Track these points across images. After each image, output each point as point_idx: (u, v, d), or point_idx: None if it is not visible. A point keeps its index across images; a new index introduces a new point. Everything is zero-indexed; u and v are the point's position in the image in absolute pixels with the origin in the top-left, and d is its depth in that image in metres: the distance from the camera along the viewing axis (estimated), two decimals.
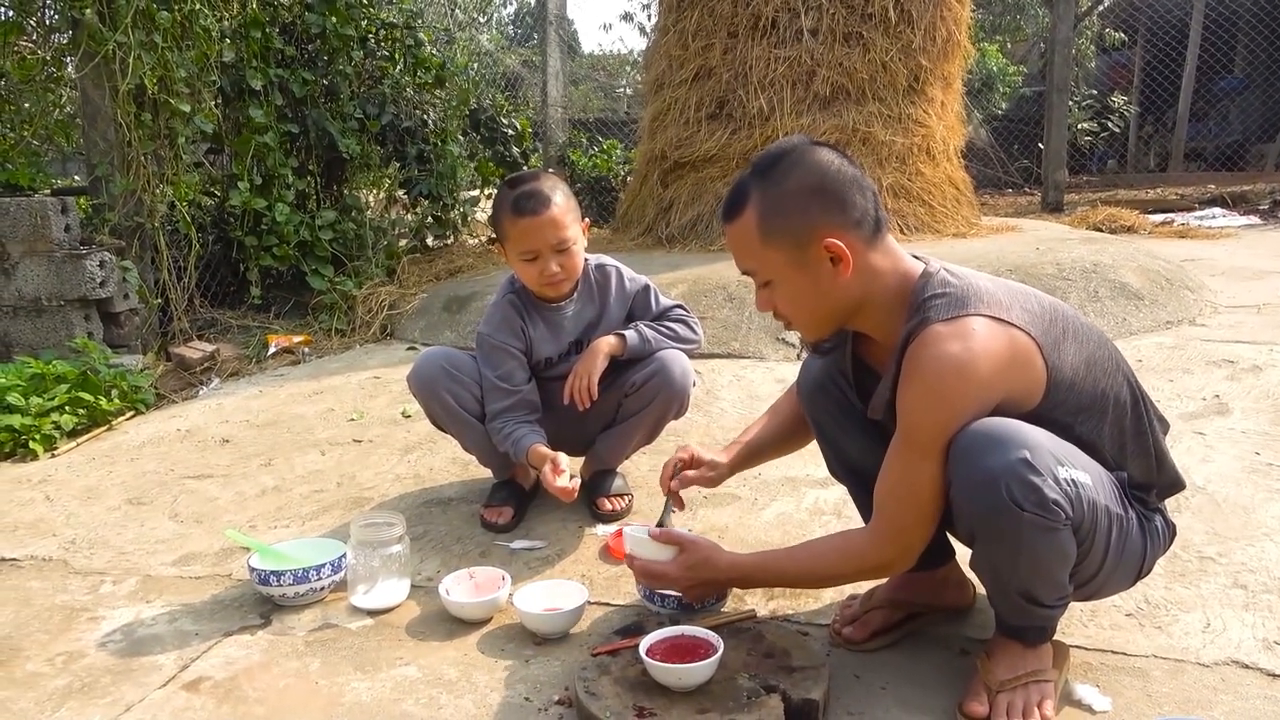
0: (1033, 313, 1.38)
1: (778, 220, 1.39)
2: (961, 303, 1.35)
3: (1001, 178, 10.48)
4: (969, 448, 1.31)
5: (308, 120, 4.93)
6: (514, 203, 2.04)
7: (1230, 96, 11.15)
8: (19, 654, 1.73)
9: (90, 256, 3.70)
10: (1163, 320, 3.84)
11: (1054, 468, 1.28)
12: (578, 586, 1.79)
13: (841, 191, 1.39)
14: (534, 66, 8.92)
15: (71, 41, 3.86)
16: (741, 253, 1.46)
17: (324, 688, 1.58)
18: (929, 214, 5.05)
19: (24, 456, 2.94)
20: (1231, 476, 2.29)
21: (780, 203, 1.39)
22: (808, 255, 1.39)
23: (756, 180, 1.42)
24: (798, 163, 1.40)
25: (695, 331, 2.27)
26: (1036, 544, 1.29)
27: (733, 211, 1.44)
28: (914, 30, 4.98)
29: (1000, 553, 1.33)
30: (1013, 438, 1.29)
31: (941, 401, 1.32)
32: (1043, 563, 1.32)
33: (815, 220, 1.38)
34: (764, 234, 1.40)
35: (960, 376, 1.31)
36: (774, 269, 1.43)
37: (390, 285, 5.00)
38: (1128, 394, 1.44)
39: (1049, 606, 1.38)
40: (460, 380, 2.15)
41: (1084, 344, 1.41)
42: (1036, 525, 1.27)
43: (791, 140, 1.45)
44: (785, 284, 1.44)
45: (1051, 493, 1.26)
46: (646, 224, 5.38)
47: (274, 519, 2.37)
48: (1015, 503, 1.26)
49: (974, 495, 1.31)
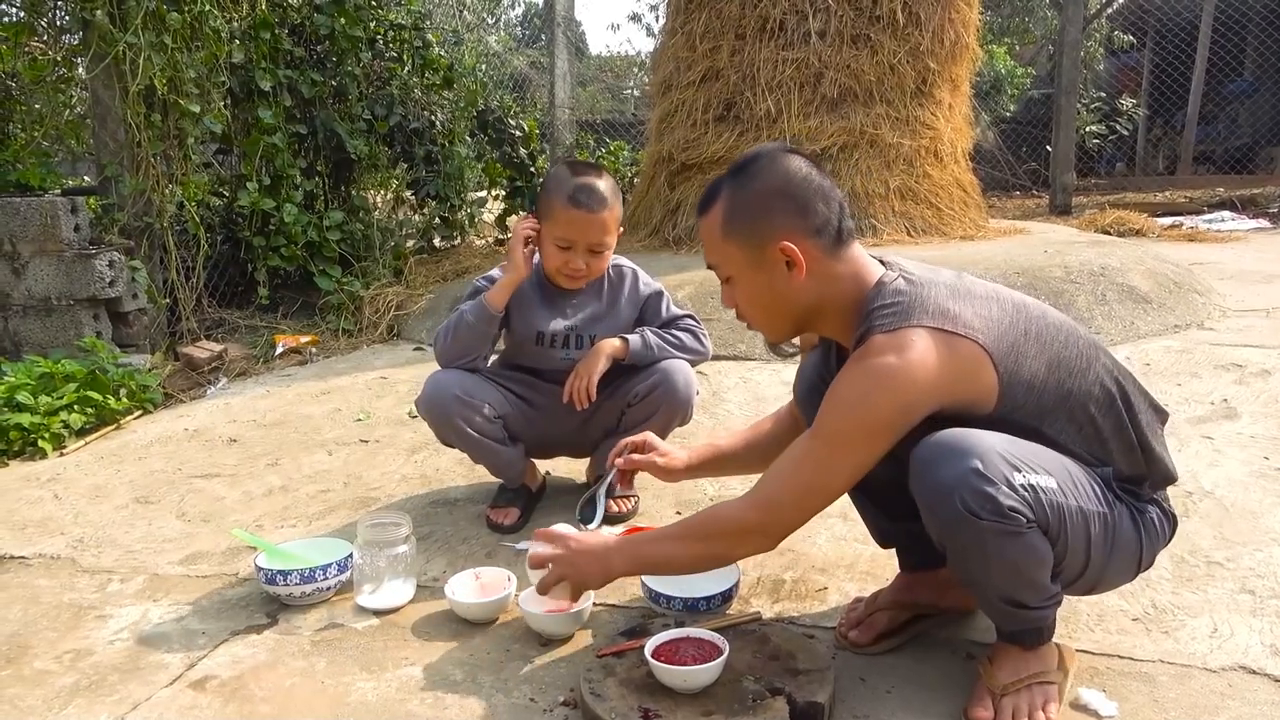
0: (988, 318, 1.38)
1: (740, 219, 1.45)
2: (906, 314, 1.36)
3: (1009, 180, 10.46)
4: (925, 460, 1.32)
5: (316, 121, 4.95)
6: (573, 192, 2.04)
7: (1240, 99, 11.11)
8: (27, 651, 1.74)
9: (99, 256, 3.72)
10: (1171, 324, 3.83)
11: (1008, 474, 1.28)
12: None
13: (804, 198, 1.43)
14: (541, 68, 8.94)
15: (82, 42, 3.88)
16: (707, 246, 1.52)
17: (330, 687, 1.59)
18: (936, 216, 5.04)
19: (33, 455, 2.96)
20: (1240, 481, 2.28)
21: (745, 202, 1.45)
22: (764, 256, 1.44)
23: (729, 179, 1.48)
24: (767, 167, 1.45)
25: (703, 343, 2.25)
26: (1004, 549, 1.29)
27: (704, 206, 1.51)
28: (922, 32, 4.97)
29: (972, 561, 1.34)
30: (964, 448, 1.29)
31: (858, 405, 1.35)
32: (1016, 567, 1.32)
33: (775, 223, 1.43)
34: (725, 231, 1.46)
35: (883, 387, 1.33)
36: (732, 265, 1.48)
37: (397, 286, 5.01)
38: (1102, 391, 1.42)
39: (1036, 609, 1.37)
40: (473, 405, 2.11)
41: (1048, 345, 1.40)
42: (998, 531, 1.27)
43: (768, 146, 1.51)
44: (742, 281, 1.49)
45: (1007, 500, 1.26)
46: (653, 225, 5.38)
47: (281, 519, 2.38)
48: (971, 512, 1.26)
49: (932, 508, 1.33)
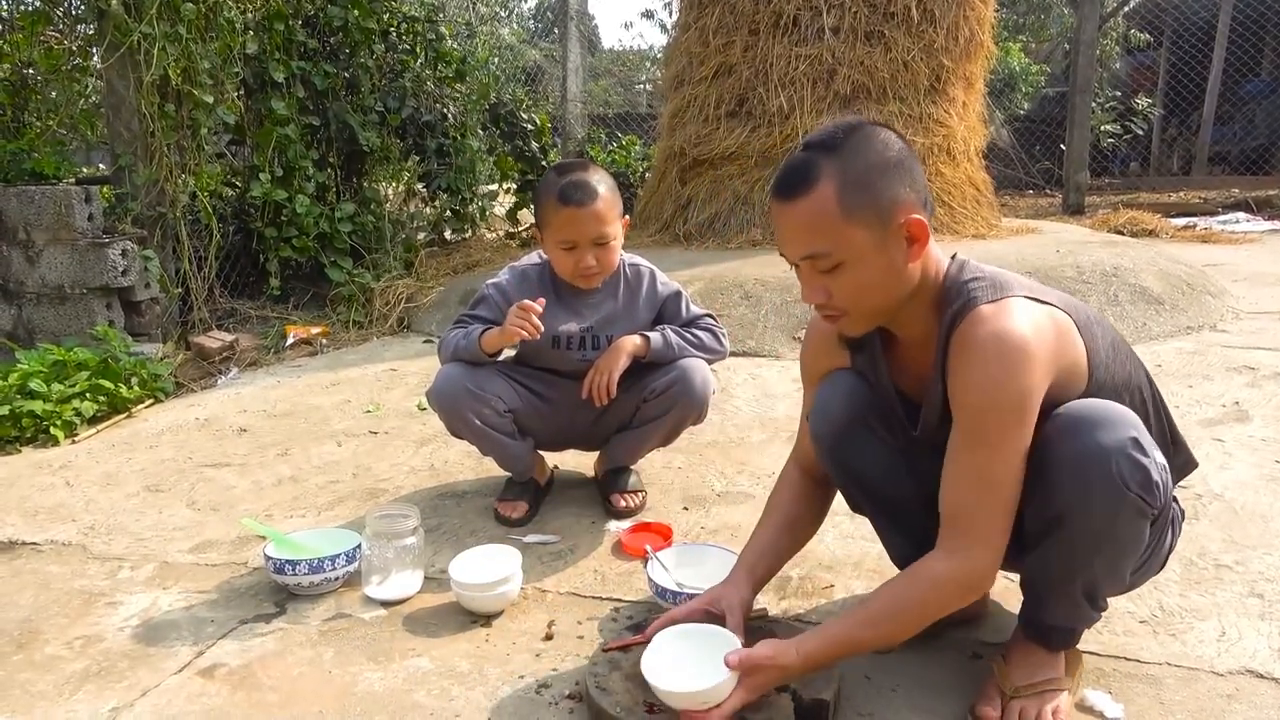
0: (1058, 296, 1.39)
1: (861, 196, 1.28)
2: (1002, 287, 1.33)
3: (1022, 179, 10.41)
4: (1078, 422, 1.27)
5: (329, 113, 4.96)
6: (561, 191, 2.03)
7: (1256, 99, 11.00)
8: (38, 637, 1.76)
9: (113, 245, 3.74)
10: (1183, 325, 3.81)
11: (1154, 451, 1.28)
12: (512, 551, 1.86)
13: (912, 169, 1.32)
14: (555, 60, 8.93)
15: (97, 32, 3.89)
16: (811, 232, 1.30)
17: (337, 677, 1.59)
18: (949, 215, 5.03)
19: (45, 442, 2.98)
20: (1250, 484, 2.27)
21: (863, 178, 1.28)
22: (888, 234, 1.30)
23: (825, 155, 1.29)
24: (867, 139, 1.31)
25: (721, 342, 2.25)
26: (1126, 530, 1.29)
27: (800, 187, 1.30)
28: (936, 30, 4.95)
29: (1084, 540, 1.29)
30: (1122, 416, 1.27)
31: (1009, 379, 1.24)
32: (1123, 551, 1.32)
33: (899, 197, 1.30)
34: (846, 210, 1.28)
35: (1023, 351, 1.25)
36: (853, 249, 1.29)
37: (408, 278, 5.03)
38: (1144, 376, 1.45)
39: (1097, 608, 1.39)
40: (483, 398, 2.11)
41: (1106, 328, 1.42)
42: (1135, 509, 1.26)
43: (848, 119, 1.36)
44: (860, 266, 1.30)
45: (1156, 474, 1.26)
46: (664, 221, 5.38)
47: (290, 509, 2.39)
48: (1124, 481, 1.24)
49: (1078, 470, 1.25)
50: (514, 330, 2.01)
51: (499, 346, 2.11)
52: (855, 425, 1.51)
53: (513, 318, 2.02)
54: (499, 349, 2.13)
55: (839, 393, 1.53)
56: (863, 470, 1.54)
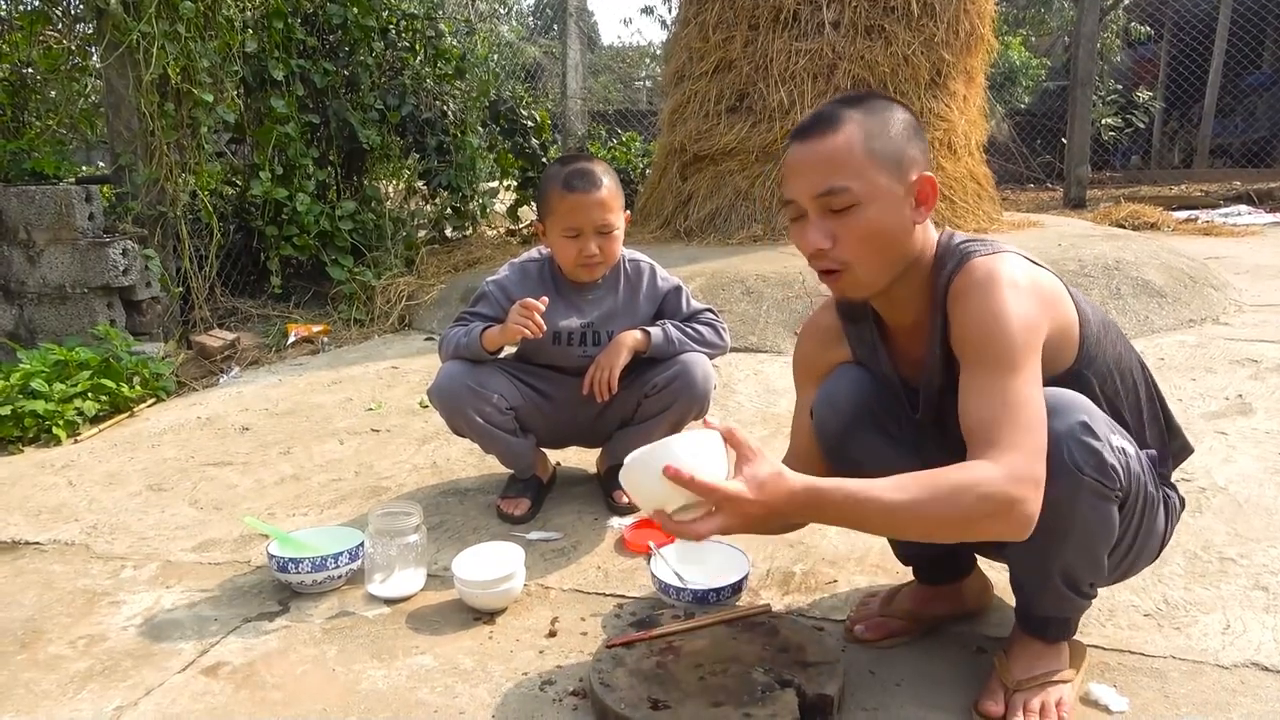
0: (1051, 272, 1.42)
1: (885, 143, 1.31)
2: (994, 244, 1.37)
3: (1024, 173, 10.40)
4: None
5: (329, 111, 4.96)
6: (565, 178, 2.05)
7: (1258, 92, 11.00)
8: (41, 636, 1.76)
9: (113, 244, 3.74)
10: (1185, 318, 3.81)
11: (1109, 435, 1.28)
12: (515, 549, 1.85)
13: (924, 137, 1.38)
14: (554, 57, 8.92)
15: (96, 31, 3.89)
16: (834, 166, 1.30)
17: (341, 675, 1.59)
18: (950, 209, 5.01)
19: (47, 442, 2.98)
20: (1254, 477, 2.27)
21: (885, 127, 1.32)
22: (903, 185, 1.32)
23: (850, 107, 1.33)
24: (889, 104, 1.36)
25: (722, 337, 2.25)
26: (1089, 514, 1.29)
27: (824, 126, 1.32)
28: (936, 23, 4.94)
29: (1051, 526, 1.27)
30: (1072, 403, 1.28)
31: (1011, 307, 1.26)
32: (1092, 537, 1.31)
33: (914, 153, 1.34)
34: (869, 151, 1.30)
35: (1021, 286, 1.28)
36: (873, 189, 1.30)
37: (409, 276, 5.03)
38: (1137, 360, 1.46)
39: (1084, 595, 1.39)
40: (484, 395, 2.12)
41: (1097, 310, 1.44)
42: (1094, 492, 1.27)
43: (863, 93, 1.40)
44: (875, 207, 1.30)
45: (1110, 457, 1.26)
46: (665, 217, 5.37)
47: (292, 507, 2.39)
48: (1076, 466, 1.25)
49: None
50: (516, 328, 2.01)
51: (500, 344, 2.11)
52: (861, 417, 1.51)
53: (515, 315, 2.02)
54: (500, 346, 2.13)
55: (845, 383, 1.53)
56: (866, 462, 1.53)
